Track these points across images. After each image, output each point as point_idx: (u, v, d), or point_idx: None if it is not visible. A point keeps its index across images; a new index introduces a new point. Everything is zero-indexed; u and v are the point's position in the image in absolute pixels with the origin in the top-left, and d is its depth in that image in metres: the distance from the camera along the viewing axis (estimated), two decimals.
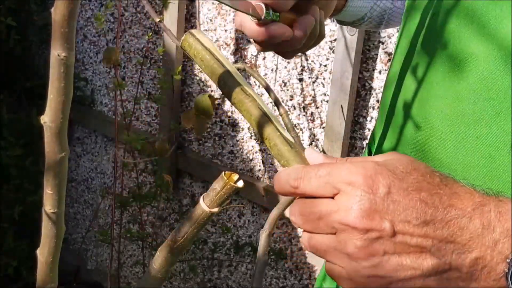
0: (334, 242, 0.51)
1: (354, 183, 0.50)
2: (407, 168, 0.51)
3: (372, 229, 0.49)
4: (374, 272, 0.49)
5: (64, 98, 0.39)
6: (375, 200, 0.49)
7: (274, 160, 1.77)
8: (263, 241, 1.30)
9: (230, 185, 0.65)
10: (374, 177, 0.50)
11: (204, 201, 0.68)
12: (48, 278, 0.55)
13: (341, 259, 0.51)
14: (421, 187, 0.50)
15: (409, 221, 0.49)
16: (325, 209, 0.51)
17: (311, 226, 0.52)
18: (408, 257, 0.49)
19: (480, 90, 0.58)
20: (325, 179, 0.51)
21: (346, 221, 0.49)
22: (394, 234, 0.49)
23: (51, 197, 0.46)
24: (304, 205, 0.53)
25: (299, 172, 0.53)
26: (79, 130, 2.37)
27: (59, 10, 0.37)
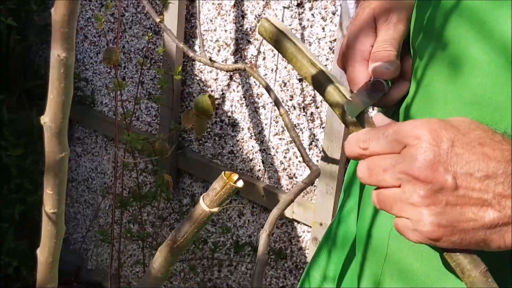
0: (399, 193, 0.53)
1: (420, 137, 0.52)
2: (470, 126, 0.52)
3: (436, 180, 0.51)
4: (437, 221, 0.51)
5: (64, 98, 0.39)
6: (439, 152, 0.51)
7: (274, 160, 1.77)
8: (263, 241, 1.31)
9: (230, 185, 0.66)
10: (438, 131, 0.51)
11: (204, 201, 0.68)
12: (48, 278, 0.55)
13: (406, 210, 0.52)
14: (483, 142, 0.51)
15: (472, 173, 0.50)
16: (390, 161, 0.53)
17: (376, 179, 0.54)
18: (469, 209, 0.51)
19: (481, 94, 0.58)
20: (392, 137, 0.53)
21: (410, 171, 0.52)
22: (456, 187, 0.51)
23: (51, 197, 0.46)
24: (371, 160, 0.55)
25: (367, 134, 0.55)
26: (79, 130, 2.37)
27: (59, 10, 0.37)
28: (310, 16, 1.59)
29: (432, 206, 0.51)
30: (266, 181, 1.81)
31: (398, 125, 0.54)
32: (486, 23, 0.57)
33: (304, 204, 1.70)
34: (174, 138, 1.94)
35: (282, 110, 1.48)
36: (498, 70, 0.57)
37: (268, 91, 1.51)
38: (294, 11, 1.62)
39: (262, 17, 1.69)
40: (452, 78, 0.60)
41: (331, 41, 1.57)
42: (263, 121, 1.77)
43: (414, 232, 0.53)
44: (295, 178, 1.74)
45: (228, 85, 1.83)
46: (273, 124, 1.75)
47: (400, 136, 0.53)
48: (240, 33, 1.75)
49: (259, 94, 1.76)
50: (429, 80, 0.63)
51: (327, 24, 1.56)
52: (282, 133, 1.74)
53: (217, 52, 1.82)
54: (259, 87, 1.75)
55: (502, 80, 0.57)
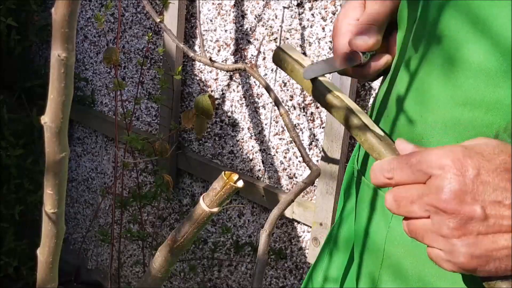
0: (429, 225, 0.52)
1: (444, 167, 0.51)
2: (494, 150, 0.52)
3: (464, 211, 0.50)
4: (470, 252, 0.51)
5: (65, 98, 0.39)
6: (465, 182, 0.50)
7: (274, 160, 1.77)
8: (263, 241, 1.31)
9: (230, 185, 0.66)
10: (462, 160, 0.51)
11: (204, 201, 0.69)
12: (48, 278, 0.55)
13: (438, 241, 0.52)
14: (509, 168, 0.51)
15: (500, 201, 0.50)
16: (416, 193, 0.53)
17: (405, 211, 0.54)
18: (502, 236, 0.50)
19: (473, 95, 0.57)
20: (416, 167, 0.53)
21: (437, 204, 0.51)
22: (486, 216, 0.50)
23: (51, 197, 0.46)
24: (398, 190, 0.54)
25: (391, 163, 0.55)
26: (79, 130, 2.37)
27: (60, 10, 0.37)
28: (310, 16, 1.59)
29: (463, 237, 0.51)
30: (266, 181, 1.81)
31: (422, 154, 0.53)
32: (481, 22, 0.57)
33: (304, 204, 1.70)
34: (174, 138, 1.94)
35: (282, 110, 1.48)
36: (490, 71, 0.56)
37: (268, 91, 1.51)
38: (294, 11, 1.62)
39: (262, 17, 1.69)
40: (444, 79, 0.60)
41: (331, 41, 1.57)
42: (263, 121, 1.77)
43: (448, 263, 0.53)
44: (295, 178, 1.74)
45: (228, 85, 1.83)
46: (273, 124, 1.75)
47: (424, 167, 0.52)
48: (240, 33, 1.75)
49: (259, 94, 1.76)
50: (421, 80, 0.62)
51: (327, 24, 1.56)
52: (282, 133, 1.74)
53: (217, 52, 1.82)
54: (259, 87, 1.75)
55: (494, 81, 0.56)
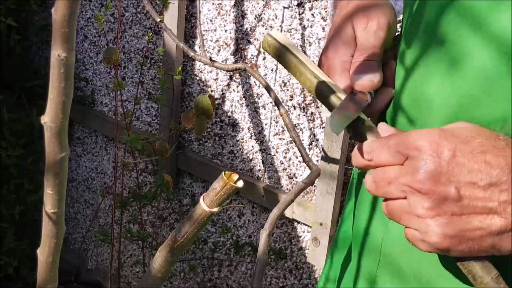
0: (405, 205, 0.53)
1: (420, 148, 0.52)
2: (471, 133, 0.52)
3: (439, 191, 0.51)
4: (444, 231, 0.51)
5: (65, 98, 0.39)
6: (440, 163, 0.51)
7: (274, 160, 1.77)
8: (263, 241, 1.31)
9: (230, 185, 0.66)
10: (439, 142, 0.51)
11: (204, 201, 0.69)
12: (48, 278, 0.55)
13: (413, 221, 0.53)
14: (486, 150, 0.51)
15: (475, 182, 0.50)
16: (394, 174, 0.54)
17: (383, 191, 0.55)
18: (475, 217, 0.51)
19: (468, 99, 0.57)
20: (394, 148, 0.54)
21: (412, 184, 0.52)
22: (460, 197, 0.50)
23: (51, 197, 0.46)
24: (376, 172, 0.55)
25: (371, 145, 0.56)
26: (80, 130, 2.37)
27: (60, 10, 0.37)
28: (310, 16, 1.59)
29: (437, 217, 0.51)
30: (266, 181, 1.81)
31: (400, 136, 0.54)
32: (481, 23, 0.56)
33: (304, 204, 1.70)
34: (174, 138, 1.94)
35: (282, 110, 1.48)
36: (488, 73, 0.56)
37: (268, 91, 1.51)
38: (294, 11, 1.62)
39: (262, 17, 1.69)
40: (440, 81, 0.60)
41: None
42: (263, 121, 1.77)
43: (423, 242, 0.53)
44: (295, 178, 1.74)
45: (228, 85, 1.83)
46: (273, 124, 1.75)
47: (402, 148, 0.53)
48: (240, 33, 1.75)
49: (259, 94, 1.76)
50: (416, 79, 0.62)
51: (327, 24, 1.56)
52: (282, 133, 1.74)
53: (217, 52, 1.82)
54: (259, 87, 1.75)
55: (491, 83, 0.56)
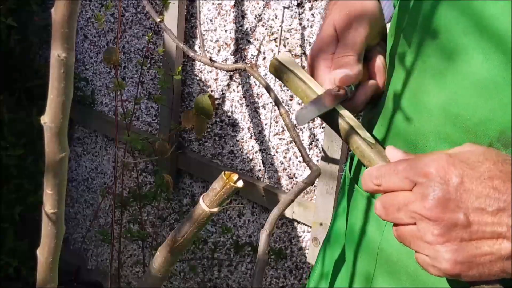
0: (415, 231, 0.54)
1: (428, 175, 0.52)
2: (479, 158, 0.53)
3: (447, 218, 0.51)
4: (453, 258, 0.52)
5: (64, 98, 0.39)
6: (448, 190, 0.51)
7: (274, 160, 1.77)
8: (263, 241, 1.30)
9: (230, 185, 0.66)
10: (446, 168, 0.52)
11: (204, 201, 0.69)
12: (48, 278, 0.55)
13: (423, 247, 0.54)
14: (493, 176, 0.51)
15: (483, 208, 0.51)
16: (403, 200, 0.54)
17: (392, 217, 0.56)
18: (485, 243, 0.51)
19: (469, 103, 0.58)
20: (403, 174, 0.54)
21: (421, 211, 0.53)
22: (469, 223, 0.51)
23: (51, 197, 0.46)
24: (385, 198, 0.56)
25: (380, 171, 0.57)
26: (80, 130, 2.37)
27: (59, 11, 0.37)
28: (310, 16, 1.59)
29: (447, 244, 0.52)
30: (266, 181, 1.81)
31: (409, 162, 0.55)
32: (481, 16, 0.56)
33: (304, 204, 1.70)
34: (174, 138, 1.94)
35: (283, 110, 1.48)
36: (485, 82, 0.56)
37: (268, 91, 1.51)
38: (294, 11, 1.61)
39: (262, 17, 1.69)
40: (437, 88, 0.60)
41: None
42: (263, 121, 1.77)
43: (433, 268, 0.54)
44: (295, 178, 1.74)
45: (228, 85, 1.83)
46: (273, 124, 1.75)
47: (410, 174, 0.54)
48: (240, 33, 1.75)
49: (259, 94, 1.76)
50: (415, 82, 0.62)
51: None
52: (282, 133, 1.74)
53: (217, 52, 1.82)
54: (259, 87, 1.75)
55: (488, 92, 0.56)
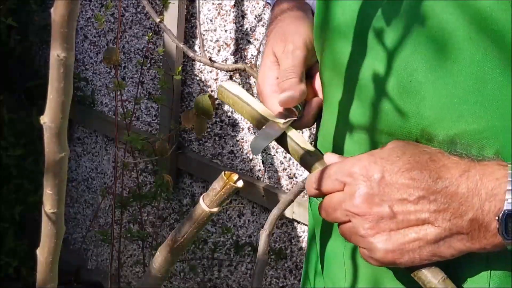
0: (351, 227, 0.59)
1: (353, 174, 0.58)
2: (397, 153, 0.57)
3: (374, 212, 0.57)
4: (385, 247, 0.57)
5: (64, 98, 0.39)
6: (371, 186, 0.57)
7: (274, 160, 1.77)
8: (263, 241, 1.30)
9: (230, 185, 0.66)
10: (368, 166, 0.57)
11: (204, 201, 0.69)
12: (48, 278, 0.55)
13: (360, 241, 0.59)
14: (411, 167, 0.56)
15: (405, 198, 0.56)
16: (337, 201, 0.59)
17: (332, 218, 0.61)
18: (412, 230, 0.56)
19: (470, 79, 0.58)
20: (334, 177, 0.60)
21: (351, 209, 0.58)
22: (394, 214, 0.56)
23: (51, 197, 0.46)
24: (325, 201, 0.61)
25: (317, 176, 0.62)
26: (80, 130, 2.37)
27: (59, 11, 0.37)
28: None
29: (377, 235, 0.57)
30: (266, 181, 1.81)
31: (338, 165, 0.60)
32: (478, 9, 0.56)
33: (304, 204, 1.70)
34: (174, 138, 1.94)
35: None
36: (487, 56, 0.56)
37: None
38: None
39: (262, 17, 1.69)
40: (436, 62, 0.60)
41: None
42: None
43: (371, 259, 0.59)
44: (295, 178, 1.74)
45: None
46: None
47: (339, 176, 0.59)
48: (240, 33, 1.75)
49: None
50: (402, 66, 0.62)
51: None
52: None
53: (217, 52, 1.82)
54: None
55: (478, 87, 0.57)
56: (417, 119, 0.60)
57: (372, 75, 0.62)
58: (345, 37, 0.66)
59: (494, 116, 0.57)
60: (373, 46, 0.62)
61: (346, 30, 0.65)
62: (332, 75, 0.68)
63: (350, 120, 0.65)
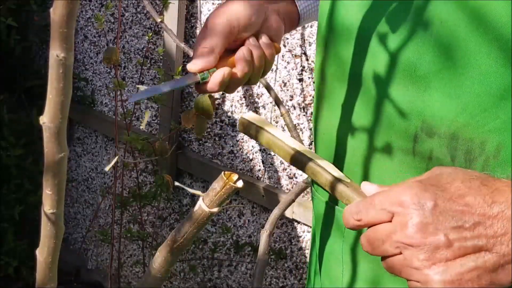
0: (402, 260, 0.55)
1: (403, 203, 0.55)
2: (447, 179, 0.55)
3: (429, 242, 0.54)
4: (442, 278, 0.53)
5: (63, 98, 0.39)
6: (425, 214, 0.54)
7: (274, 160, 1.77)
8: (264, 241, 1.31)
9: (230, 185, 0.66)
10: (419, 194, 0.54)
11: (204, 201, 0.68)
12: (47, 278, 0.55)
13: (413, 274, 0.55)
14: (464, 193, 0.54)
15: (461, 225, 0.53)
16: (385, 232, 0.56)
17: (379, 251, 0.57)
18: (469, 258, 0.53)
19: (479, 84, 0.59)
20: (380, 206, 0.56)
21: (404, 240, 0.54)
22: (450, 243, 0.53)
23: (51, 197, 0.46)
24: (369, 233, 0.58)
25: (358, 206, 0.59)
26: (80, 130, 2.37)
27: (58, 11, 0.37)
28: None
29: (434, 266, 0.53)
30: (266, 181, 1.81)
31: (383, 194, 0.57)
32: (485, 15, 0.57)
33: (304, 204, 1.70)
34: (174, 138, 1.94)
35: (283, 110, 1.48)
36: (497, 62, 0.57)
37: (268, 90, 1.51)
38: None
39: None
40: (446, 67, 0.61)
41: None
42: None
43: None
44: (295, 178, 1.74)
45: None
46: (273, 124, 1.75)
47: (386, 205, 0.56)
48: None
49: (259, 94, 1.76)
50: (407, 70, 0.63)
51: None
52: None
53: None
54: (259, 87, 1.75)
55: (501, 71, 0.57)
56: (419, 109, 0.60)
57: (374, 67, 0.63)
58: (348, 37, 0.67)
59: (499, 108, 0.57)
60: (376, 40, 0.63)
61: (349, 30, 0.67)
62: (335, 72, 0.69)
63: (351, 114, 0.65)
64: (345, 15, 0.68)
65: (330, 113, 0.72)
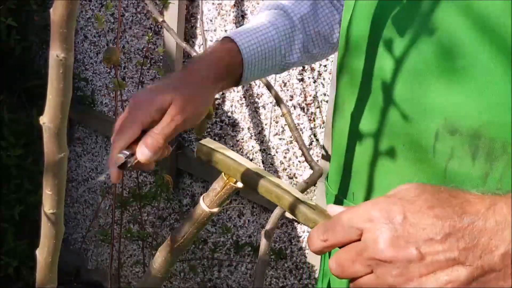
0: (375, 279, 0.53)
1: (373, 219, 0.53)
2: (415, 192, 0.54)
3: (401, 256, 0.52)
4: None
5: (63, 98, 0.39)
6: (395, 228, 0.52)
7: (274, 160, 1.77)
8: (264, 241, 1.31)
9: (230, 185, 0.66)
10: (387, 208, 0.53)
11: (204, 201, 0.69)
12: (47, 278, 0.55)
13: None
14: (433, 205, 0.52)
15: (432, 238, 0.51)
16: (355, 251, 0.54)
17: (350, 273, 0.55)
18: (442, 273, 0.51)
19: (481, 86, 0.59)
20: (348, 224, 0.54)
21: (376, 255, 0.52)
22: (422, 256, 0.51)
23: (51, 197, 0.46)
24: (337, 255, 0.55)
25: (325, 226, 0.56)
26: (80, 130, 2.37)
27: (58, 11, 0.37)
28: None
29: (408, 282, 0.52)
30: None
31: (351, 211, 0.55)
32: (485, 17, 0.57)
33: None
34: (174, 138, 1.94)
35: (285, 110, 1.48)
36: (497, 64, 0.57)
37: (269, 89, 1.51)
38: None
39: None
40: (446, 68, 0.61)
41: None
42: (263, 121, 1.76)
43: None
44: (295, 178, 1.74)
45: None
46: (273, 124, 1.75)
47: (354, 222, 0.54)
48: None
49: (259, 94, 1.76)
50: (411, 76, 0.64)
51: None
52: (282, 133, 1.74)
53: None
54: (259, 87, 1.75)
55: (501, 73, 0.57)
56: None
57: (385, 67, 0.64)
58: (358, 48, 0.69)
59: None
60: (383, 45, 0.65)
61: (359, 42, 0.69)
62: (347, 81, 0.71)
63: (363, 119, 0.66)
64: (356, 28, 0.70)
65: (343, 120, 0.73)
